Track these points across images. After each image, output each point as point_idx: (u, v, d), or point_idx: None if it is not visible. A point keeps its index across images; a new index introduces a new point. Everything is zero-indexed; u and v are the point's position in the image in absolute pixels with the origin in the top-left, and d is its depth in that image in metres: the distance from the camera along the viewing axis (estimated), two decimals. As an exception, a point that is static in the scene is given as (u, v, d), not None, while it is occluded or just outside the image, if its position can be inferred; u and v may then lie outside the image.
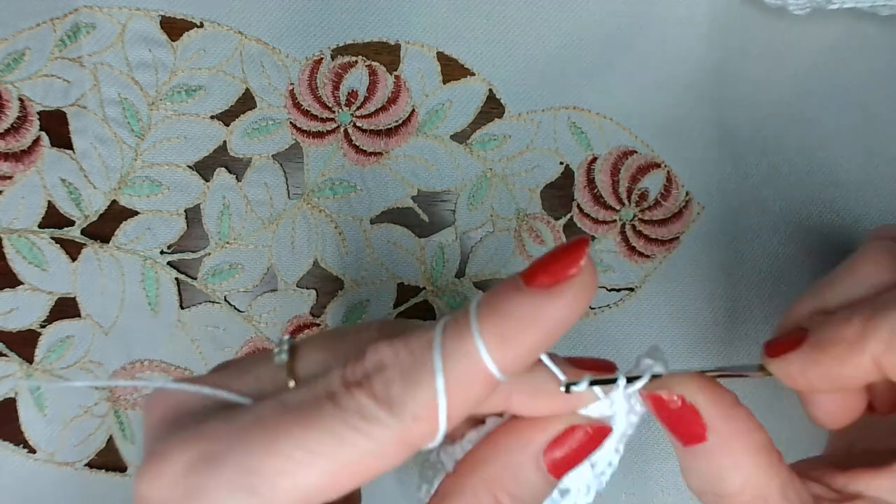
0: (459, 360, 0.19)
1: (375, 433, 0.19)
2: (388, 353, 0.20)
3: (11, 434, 0.37)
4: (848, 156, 0.38)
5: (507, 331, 0.19)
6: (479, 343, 0.19)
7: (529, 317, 0.19)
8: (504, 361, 0.19)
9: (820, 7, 0.36)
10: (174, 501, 0.19)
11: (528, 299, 0.19)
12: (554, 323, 0.19)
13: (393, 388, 0.19)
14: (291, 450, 0.19)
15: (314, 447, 0.19)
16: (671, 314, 0.38)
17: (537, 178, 0.38)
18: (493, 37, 0.38)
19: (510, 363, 0.20)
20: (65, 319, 0.37)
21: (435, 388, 0.19)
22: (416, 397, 0.19)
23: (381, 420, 0.19)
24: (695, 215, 0.38)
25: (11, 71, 0.36)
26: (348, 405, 0.19)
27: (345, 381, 0.20)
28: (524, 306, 0.19)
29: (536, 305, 0.19)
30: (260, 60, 0.37)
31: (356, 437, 0.19)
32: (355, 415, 0.19)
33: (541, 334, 0.19)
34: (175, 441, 0.20)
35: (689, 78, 0.38)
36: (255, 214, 0.37)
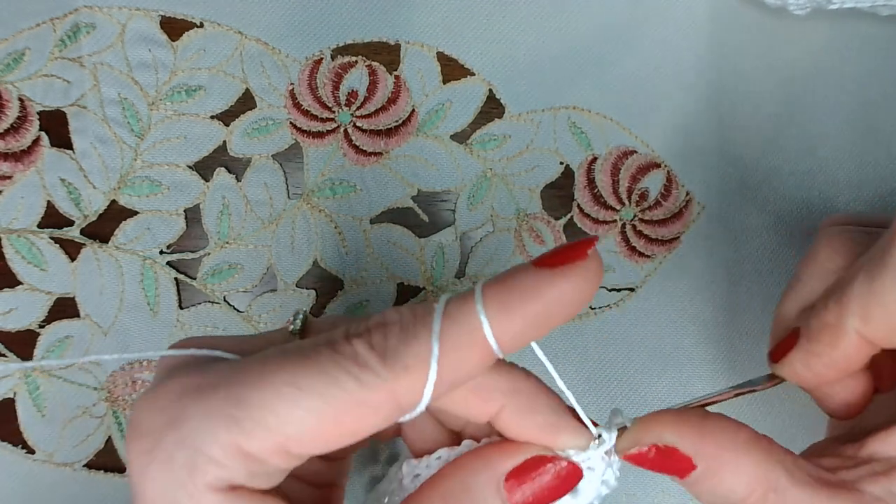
0: (459, 320, 0.20)
1: (366, 378, 0.19)
2: (392, 314, 0.21)
3: (10, 434, 0.37)
4: (847, 156, 0.38)
5: (508, 299, 0.20)
6: (480, 306, 0.20)
7: (531, 289, 0.20)
8: (502, 331, 0.20)
9: (820, 7, 0.36)
10: (157, 425, 0.20)
11: (532, 273, 0.20)
12: (555, 300, 0.20)
13: (390, 340, 0.20)
14: (280, 384, 0.19)
15: (303, 382, 0.19)
16: (671, 314, 0.38)
17: (537, 178, 0.38)
18: (493, 37, 0.38)
19: (508, 334, 0.20)
20: (64, 319, 0.37)
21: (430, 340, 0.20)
22: (410, 348, 0.20)
23: (372, 366, 0.19)
24: (695, 215, 0.38)
25: (11, 71, 0.36)
26: (344, 350, 0.20)
27: (346, 332, 0.20)
28: (528, 279, 0.20)
29: (540, 279, 0.20)
30: (260, 60, 0.37)
31: (346, 380, 0.19)
32: (349, 359, 0.19)
33: (541, 307, 0.20)
34: (173, 374, 0.21)
35: (689, 78, 0.38)
36: (255, 214, 0.37)
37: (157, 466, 0.19)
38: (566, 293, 0.20)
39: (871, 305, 0.23)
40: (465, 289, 0.37)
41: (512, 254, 0.38)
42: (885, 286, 0.23)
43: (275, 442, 0.19)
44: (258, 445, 0.19)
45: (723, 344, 0.38)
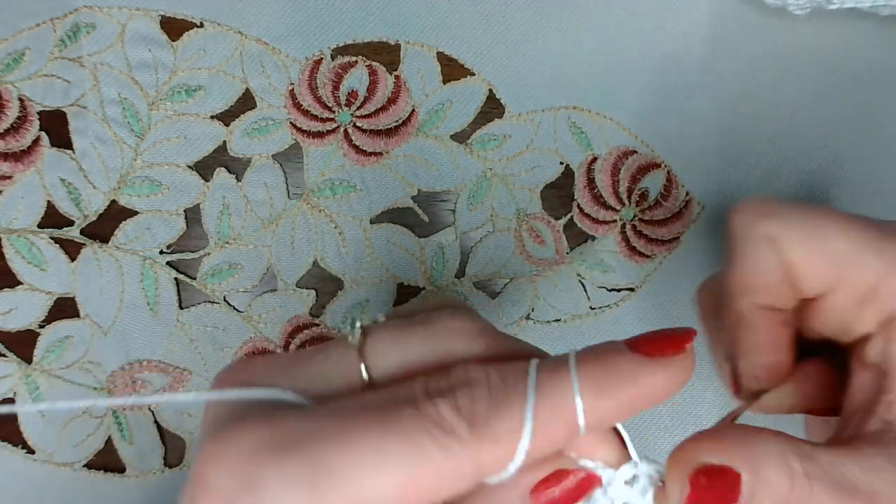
0: (553, 397, 0.19)
1: (452, 447, 0.18)
2: (477, 372, 0.20)
3: (10, 434, 0.37)
4: (848, 156, 0.38)
5: (605, 382, 0.19)
6: (576, 386, 0.19)
7: (629, 376, 0.20)
8: (592, 412, 0.19)
9: (820, 7, 0.36)
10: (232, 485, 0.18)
11: (630, 360, 0.20)
12: (649, 389, 0.20)
13: (478, 406, 0.19)
14: (363, 448, 0.18)
15: (387, 449, 0.18)
16: (672, 314, 0.38)
17: (537, 178, 0.38)
18: (493, 37, 0.38)
19: (597, 416, 0.20)
20: (64, 319, 0.37)
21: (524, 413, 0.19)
22: (501, 418, 0.19)
23: (460, 435, 0.19)
24: (695, 215, 0.38)
25: (11, 71, 0.36)
26: (429, 413, 0.19)
27: (428, 389, 0.19)
28: (626, 365, 0.20)
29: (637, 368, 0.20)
30: (260, 60, 0.37)
31: (432, 448, 0.18)
32: (435, 424, 0.19)
33: (635, 396, 0.20)
34: (243, 424, 0.19)
35: (688, 78, 0.38)
36: (255, 214, 0.37)
37: None
38: (661, 385, 0.20)
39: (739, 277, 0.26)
40: (465, 289, 0.37)
41: (512, 254, 0.38)
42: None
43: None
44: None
45: (723, 344, 0.38)
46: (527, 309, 0.38)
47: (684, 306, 0.38)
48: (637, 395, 0.20)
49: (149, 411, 0.37)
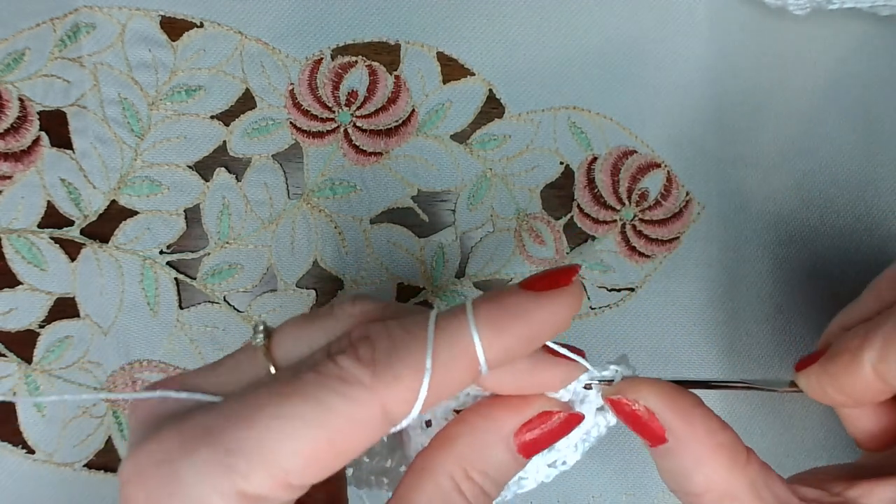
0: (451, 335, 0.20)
1: (355, 394, 0.19)
2: (376, 327, 0.21)
3: (10, 434, 0.37)
4: (848, 156, 0.38)
5: (499, 319, 0.20)
6: (472, 322, 0.20)
7: (521, 310, 0.21)
8: (491, 347, 0.20)
9: (820, 7, 0.36)
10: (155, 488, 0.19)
11: (521, 296, 0.21)
12: (541, 319, 0.21)
13: (378, 353, 0.20)
14: (267, 420, 0.19)
15: (291, 413, 0.19)
16: (671, 314, 0.38)
17: (537, 178, 0.38)
18: (493, 37, 0.38)
19: (496, 351, 0.20)
20: (64, 319, 0.37)
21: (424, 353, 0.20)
22: (401, 359, 0.20)
23: (362, 380, 0.19)
24: (695, 215, 0.38)
25: (11, 71, 0.36)
26: (329, 371, 0.19)
27: (329, 352, 0.20)
28: (517, 301, 0.21)
29: (528, 302, 0.21)
30: (260, 60, 0.37)
31: (335, 400, 0.19)
32: (336, 378, 0.19)
33: (528, 327, 0.21)
34: (153, 435, 0.20)
35: (689, 78, 0.38)
36: (255, 214, 0.37)
37: None
38: (551, 315, 0.21)
39: (891, 345, 0.23)
40: (465, 289, 0.37)
41: (512, 254, 0.38)
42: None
43: (274, 478, 0.19)
44: (259, 485, 0.19)
45: (723, 344, 0.38)
46: (527, 309, 0.38)
47: (684, 306, 0.38)
48: (531, 327, 0.21)
49: (149, 411, 0.37)
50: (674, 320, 0.38)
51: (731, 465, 0.23)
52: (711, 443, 0.23)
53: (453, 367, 0.20)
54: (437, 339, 0.20)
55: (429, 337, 0.20)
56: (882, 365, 0.23)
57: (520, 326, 0.21)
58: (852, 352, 0.24)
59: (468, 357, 0.20)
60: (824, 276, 0.38)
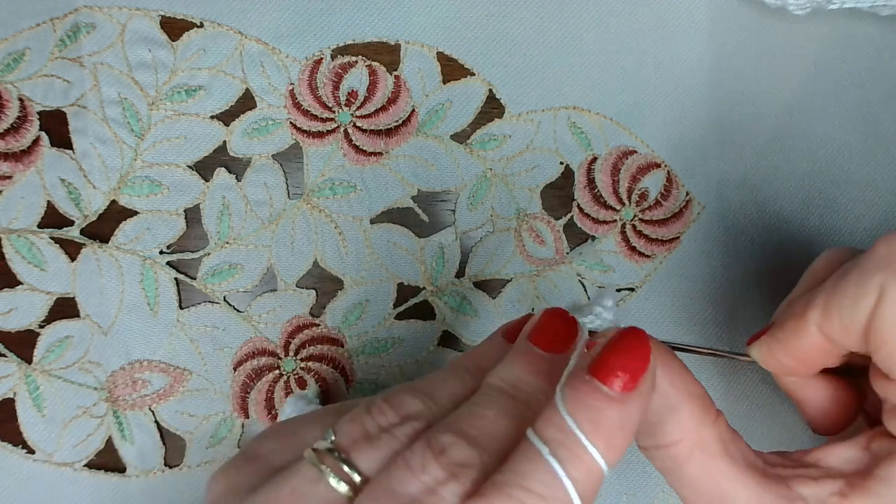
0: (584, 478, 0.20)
1: None
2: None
3: (10, 434, 0.37)
4: (848, 156, 0.38)
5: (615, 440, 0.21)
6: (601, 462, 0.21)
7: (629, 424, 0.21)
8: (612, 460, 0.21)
9: (820, 7, 0.36)
10: None
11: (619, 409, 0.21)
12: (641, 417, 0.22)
13: None
14: None
15: None
16: (671, 314, 0.38)
17: (537, 178, 0.38)
18: (493, 37, 0.38)
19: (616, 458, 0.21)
20: (64, 319, 0.37)
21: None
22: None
23: None
24: (695, 215, 0.38)
25: (11, 71, 0.36)
26: None
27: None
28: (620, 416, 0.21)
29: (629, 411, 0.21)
30: (260, 60, 0.37)
31: None
32: None
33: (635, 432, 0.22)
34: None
35: (688, 78, 0.38)
36: (255, 214, 0.37)
37: None
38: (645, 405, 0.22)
39: (832, 303, 0.25)
40: (465, 289, 0.37)
41: (512, 254, 0.38)
42: (846, 287, 0.24)
43: None
44: None
45: (722, 344, 0.38)
46: (527, 309, 0.38)
47: (684, 306, 0.38)
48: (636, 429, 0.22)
49: (149, 411, 0.37)
50: (674, 320, 0.38)
51: (703, 416, 0.24)
52: (686, 392, 0.24)
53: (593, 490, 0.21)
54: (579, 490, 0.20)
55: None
56: (826, 322, 0.25)
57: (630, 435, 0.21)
58: (797, 315, 0.26)
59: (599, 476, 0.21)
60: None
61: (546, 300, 0.38)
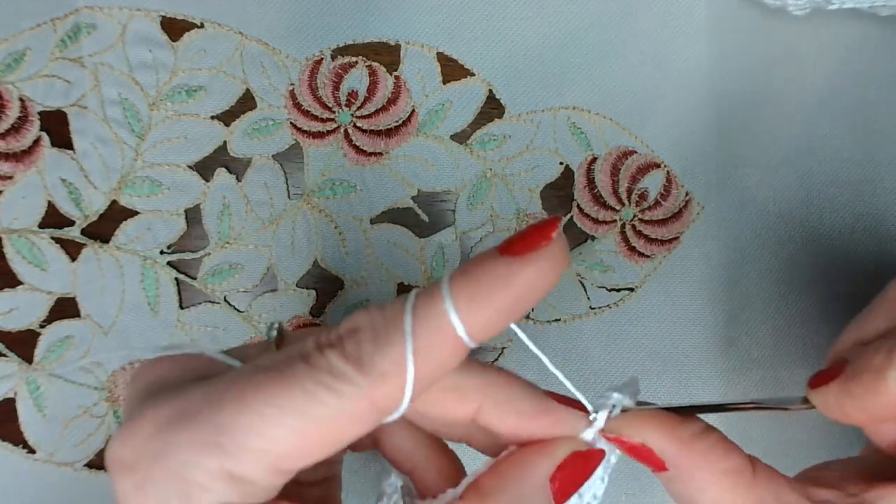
0: (429, 319, 0.20)
1: (344, 390, 0.19)
2: (362, 318, 0.20)
3: (11, 434, 0.37)
4: (848, 156, 0.38)
5: (476, 292, 0.20)
6: (448, 302, 0.20)
7: (499, 279, 0.20)
8: (472, 323, 0.20)
9: (820, 7, 0.36)
10: (143, 459, 0.19)
11: (498, 263, 0.20)
12: (523, 287, 0.20)
13: (363, 347, 0.20)
14: (261, 406, 0.19)
15: (283, 402, 0.19)
16: (671, 314, 0.38)
17: (537, 178, 0.38)
18: (493, 37, 0.38)
19: (478, 326, 0.20)
20: (64, 319, 0.37)
21: (404, 345, 0.20)
22: (385, 355, 0.20)
23: (349, 377, 0.19)
24: (695, 215, 0.38)
25: (12, 71, 0.36)
26: (319, 363, 0.20)
27: (318, 343, 0.20)
28: (494, 269, 0.20)
29: (506, 269, 0.20)
30: (260, 61, 0.37)
31: (325, 394, 0.19)
32: (325, 372, 0.19)
33: (509, 297, 0.20)
34: (149, 404, 0.20)
35: (688, 78, 0.38)
36: (256, 214, 0.37)
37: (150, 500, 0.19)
38: (534, 280, 0.20)
39: None
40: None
41: (512, 254, 0.38)
42: None
43: (262, 462, 0.19)
44: (247, 468, 0.19)
45: (722, 344, 0.38)
46: (527, 309, 0.38)
47: (684, 306, 0.38)
48: (513, 297, 0.20)
49: (149, 411, 0.37)
50: (674, 320, 0.38)
51: (735, 487, 0.23)
52: (714, 471, 0.23)
53: (436, 349, 0.20)
54: (416, 325, 0.20)
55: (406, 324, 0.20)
56: None
57: (500, 297, 0.20)
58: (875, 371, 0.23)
59: (450, 336, 0.20)
60: (824, 275, 0.38)
61: (546, 300, 0.38)
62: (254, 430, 0.19)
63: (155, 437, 0.20)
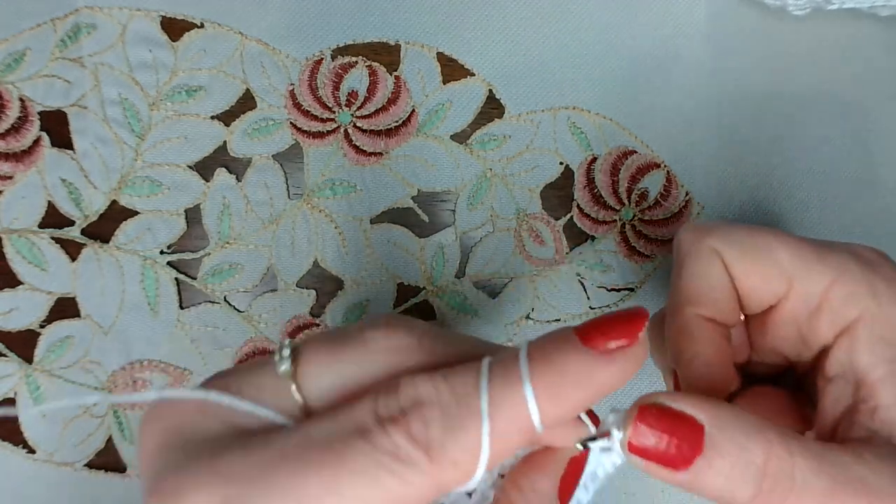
0: (506, 409, 0.19)
1: (410, 477, 0.18)
2: (427, 389, 0.19)
3: (11, 434, 0.37)
4: (847, 156, 0.38)
5: (559, 387, 0.19)
6: (530, 395, 0.19)
7: (583, 377, 0.19)
8: (549, 414, 0.19)
9: (820, 7, 0.36)
10: None
11: (581, 356, 0.19)
12: (603, 387, 0.19)
13: (432, 430, 0.18)
14: (321, 493, 0.18)
15: (345, 490, 0.18)
16: (671, 314, 0.38)
17: (537, 178, 0.38)
18: (493, 37, 0.38)
19: (553, 416, 0.19)
20: (64, 319, 0.37)
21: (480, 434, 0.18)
22: (457, 442, 0.18)
23: (417, 463, 0.18)
24: (694, 215, 0.38)
25: (12, 71, 0.36)
26: (383, 444, 0.18)
27: (378, 416, 0.19)
28: (579, 365, 0.19)
29: (591, 367, 0.19)
30: (260, 61, 0.37)
31: (389, 480, 0.18)
32: (390, 455, 0.18)
33: (590, 396, 0.19)
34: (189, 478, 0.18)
35: (688, 78, 0.38)
36: (255, 214, 0.37)
37: None
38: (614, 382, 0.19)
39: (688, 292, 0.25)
40: (465, 289, 0.37)
41: (512, 254, 0.38)
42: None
43: None
44: None
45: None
46: (527, 309, 0.38)
47: (684, 306, 0.38)
48: (592, 394, 0.19)
49: (149, 411, 0.37)
50: (674, 320, 0.38)
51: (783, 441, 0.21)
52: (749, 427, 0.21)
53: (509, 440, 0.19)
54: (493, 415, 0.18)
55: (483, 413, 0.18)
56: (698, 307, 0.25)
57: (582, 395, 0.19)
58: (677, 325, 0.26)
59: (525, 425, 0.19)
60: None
61: (546, 300, 0.38)
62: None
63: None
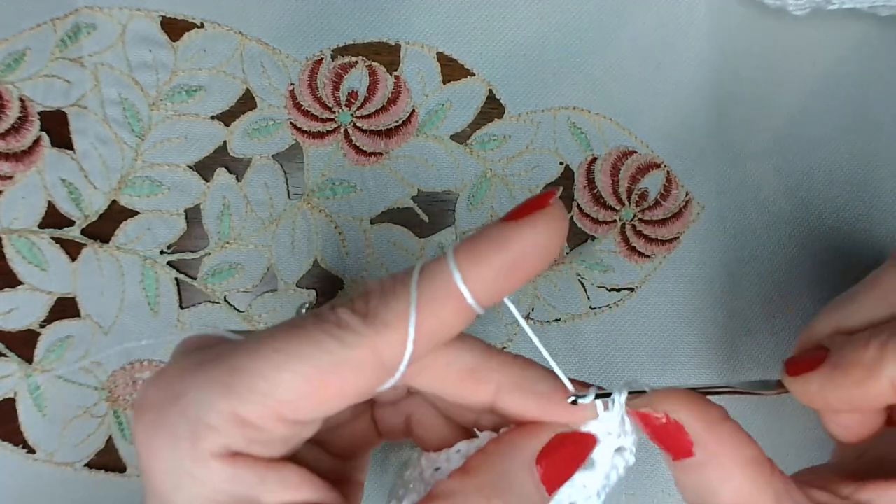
0: (433, 277, 0.21)
1: (348, 338, 0.20)
2: (372, 283, 0.22)
3: (11, 434, 0.37)
4: (848, 156, 0.38)
5: (477, 252, 0.21)
6: (452, 261, 0.21)
7: (499, 240, 0.21)
8: (474, 282, 0.21)
9: (820, 7, 0.36)
10: (163, 400, 0.21)
11: (498, 226, 0.21)
12: (521, 247, 0.21)
13: (371, 302, 0.21)
14: (269, 351, 0.20)
15: (290, 349, 0.20)
16: (671, 314, 0.38)
17: (537, 178, 0.38)
18: (493, 37, 0.38)
19: (480, 285, 0.21)
20: (64, 319, 0.37)
21: (409, 297, 0.21)
22: (389, 306, 0.21)
23: (354, 327, 0.21)
24: (695, 215, 0.38)
25: (12, 71, 0.36)
26: (328, 317, 0.21)
27: (332, 304, 0.22)
28: (494, 231, 0.21)
29: (506, 230, 0.21)
30: (260, 61, 0.37)
31: (330, 342, 0.20)
32: (332, 324, 0.21)
33: (508, 257, 0.21)
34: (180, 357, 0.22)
35: (688, 78, 0.38)
36: (256, 214, 0.37)
37: (162, 438, 0.20)
38: (532, 241, 0.21)
39: None
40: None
41: (512, 254, 0.38)
42: None
43: (267, 406, 0.20)
44: (252, 410, 0.20)
45: (723, 344, 0.38)
46: (527, 309, 0.38)
47: (684, 306, 0.38)
48: (512, 257, 0.21)
49: (149, 411, 0.37)
50: (674, 320, 0.38)
51: (758, 478, 0.22)
52: (740, 457, 0.22)
53: (440, 307, 0.21)
54: (421, 281, 0.21)
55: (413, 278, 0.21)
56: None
57: (500, 256, 0.21)
58: (867, 366, 0.23)
59: (454, 296, 0.21)
60: (824, 275, 0.38)
61: (546, 300, 0.38)
62: (260, 372, 0.20)
63: (177, 379, 0.21)
